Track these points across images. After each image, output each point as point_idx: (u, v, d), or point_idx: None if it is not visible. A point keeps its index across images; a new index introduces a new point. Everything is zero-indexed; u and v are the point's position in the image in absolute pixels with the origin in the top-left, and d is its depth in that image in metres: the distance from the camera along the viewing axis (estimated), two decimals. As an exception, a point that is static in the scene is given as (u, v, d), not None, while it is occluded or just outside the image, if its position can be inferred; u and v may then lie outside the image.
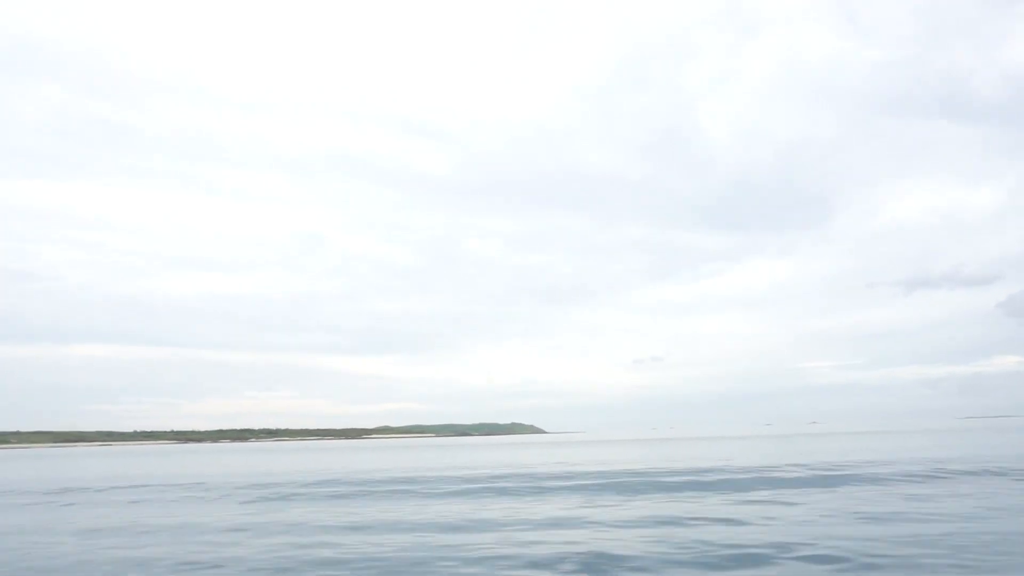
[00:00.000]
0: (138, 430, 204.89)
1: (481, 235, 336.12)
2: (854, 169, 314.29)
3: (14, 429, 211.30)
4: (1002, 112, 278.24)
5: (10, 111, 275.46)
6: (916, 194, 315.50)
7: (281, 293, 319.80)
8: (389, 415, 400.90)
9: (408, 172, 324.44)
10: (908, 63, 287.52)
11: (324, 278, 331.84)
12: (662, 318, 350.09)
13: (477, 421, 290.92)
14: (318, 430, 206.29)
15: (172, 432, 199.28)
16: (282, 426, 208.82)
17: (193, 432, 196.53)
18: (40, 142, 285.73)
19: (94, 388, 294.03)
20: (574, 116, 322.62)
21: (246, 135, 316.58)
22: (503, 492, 17.83)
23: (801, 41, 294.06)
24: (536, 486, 19.00)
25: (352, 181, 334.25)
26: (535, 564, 8.65)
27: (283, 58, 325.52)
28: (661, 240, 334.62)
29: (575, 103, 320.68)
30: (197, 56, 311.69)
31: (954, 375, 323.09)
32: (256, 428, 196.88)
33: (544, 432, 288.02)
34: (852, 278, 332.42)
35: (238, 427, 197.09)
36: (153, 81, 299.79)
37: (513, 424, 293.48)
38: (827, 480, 18.04)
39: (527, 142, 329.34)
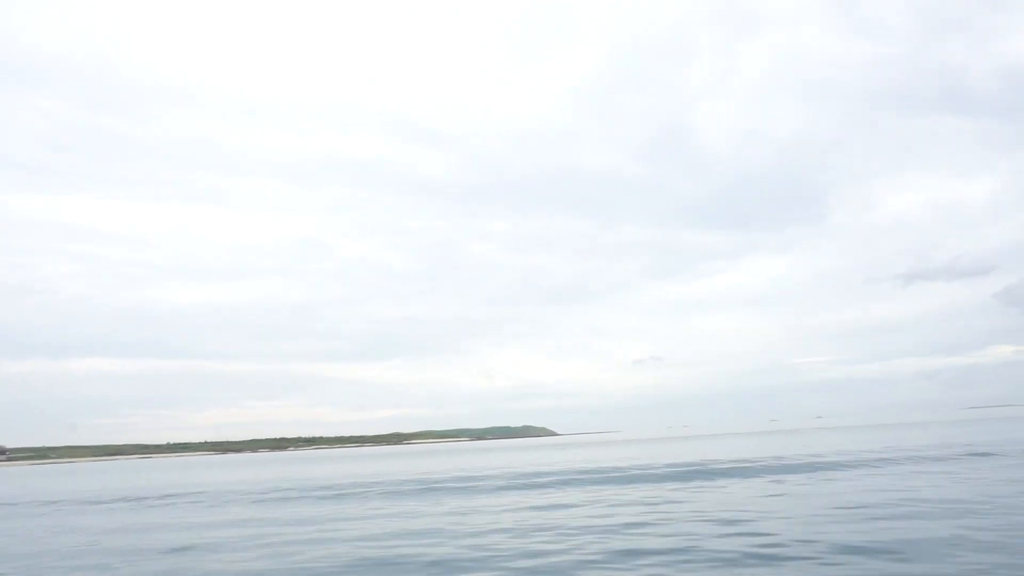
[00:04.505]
0: (172, 442, 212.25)
1: (481, 238, 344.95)
2: (851, 164, 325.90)
3: (48, 444, 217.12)
4: (998, 105, 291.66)
5: (8, 123, 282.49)
6: (913, 188, 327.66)
7: (283, 301, 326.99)
8: (396, 421, 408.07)
9: (408, 176, 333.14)
10: (904, 58, 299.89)
11: (326, 285, 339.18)
12: (662, 317, 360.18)
13: (487, 424, 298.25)
14: (354, 437, 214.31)
15: (208, 443, 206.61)
16: (288, 434, 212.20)
17: (230, 443, 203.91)
18: (38, 154, 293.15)
19: (88, 401, 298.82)
20: (573, 117, 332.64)
21: (245, 143, 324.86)
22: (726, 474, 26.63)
23: (798, 38, 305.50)
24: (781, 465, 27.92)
25: (352, 187, 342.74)
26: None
27: (282, 66, 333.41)
28: (660, 239, 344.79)
29: (574, 104, 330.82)
30: (196, 66, 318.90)
31: (951, 366, 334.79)
32: (291, 437, 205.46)
33: (557, 434, 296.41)
34: (851, 273, 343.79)
35: (275, 436, 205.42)
36: (152, 92, 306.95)
37: (525, 427, 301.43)
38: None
39: (526, 144, 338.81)
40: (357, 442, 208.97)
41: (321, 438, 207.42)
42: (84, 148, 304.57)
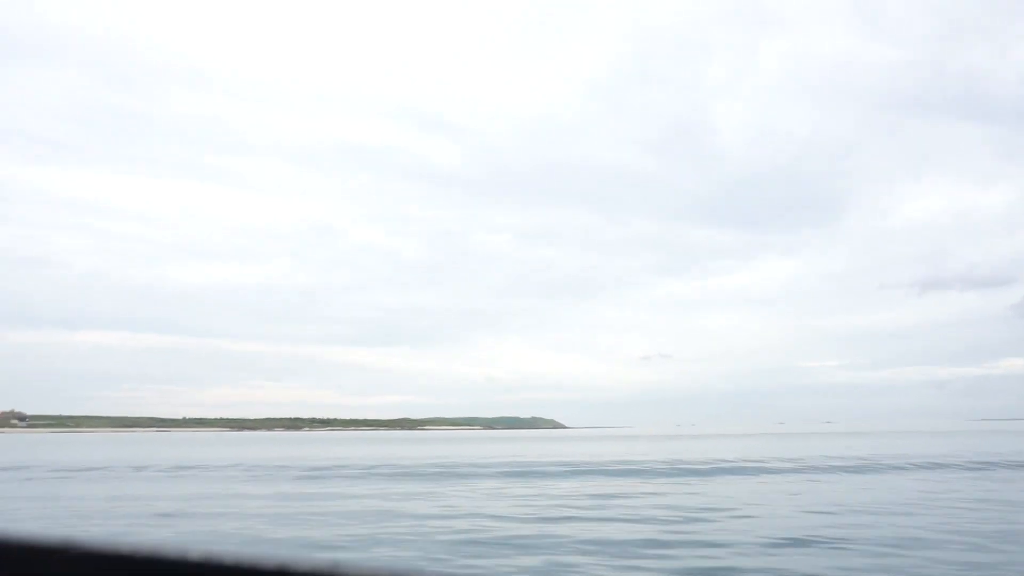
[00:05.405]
0: (187, 417, 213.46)
1: (490, 229, 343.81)
2: (867, 168, 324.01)
3: (64, 413, 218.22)
4: (1017, 113, 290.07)
5: (24, 97, 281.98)
6: (929, 194, 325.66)
7: (290, 284, 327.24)
8: (400, 407, 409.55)
9: (418, 165, 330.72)
10: (924, 63, 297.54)
11: (333, 270, 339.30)
12: (670, 314, 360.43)
13: (495, 415, 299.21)
14: (367, 420, 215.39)
15: (223, 419, 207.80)
16: (295, 415, 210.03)
17: (245, 420, 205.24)
18: (52, 129, 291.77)
19: (99, 374, 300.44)
20: (585, 110, 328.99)
21: (258, 126, 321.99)
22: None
23: (816, 39, 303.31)
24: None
25: (362, 173, 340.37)
26: None
27: (295, 49, 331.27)
28: (670, 236, 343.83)
29: (586, 97, 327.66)
30: (210, 47, 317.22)
31: (961, 377, 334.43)
32: (305, 417, 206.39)
33: (565, 427, 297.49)
34: (863, 278, 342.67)
35: (287, 416, 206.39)
36: (167, 71, 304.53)
37: (534, 418, 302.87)
38: None
39: (537, 136, 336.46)
40: (371, 426, 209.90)
41: (336, 420, 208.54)
42: (99, 124, 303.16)
